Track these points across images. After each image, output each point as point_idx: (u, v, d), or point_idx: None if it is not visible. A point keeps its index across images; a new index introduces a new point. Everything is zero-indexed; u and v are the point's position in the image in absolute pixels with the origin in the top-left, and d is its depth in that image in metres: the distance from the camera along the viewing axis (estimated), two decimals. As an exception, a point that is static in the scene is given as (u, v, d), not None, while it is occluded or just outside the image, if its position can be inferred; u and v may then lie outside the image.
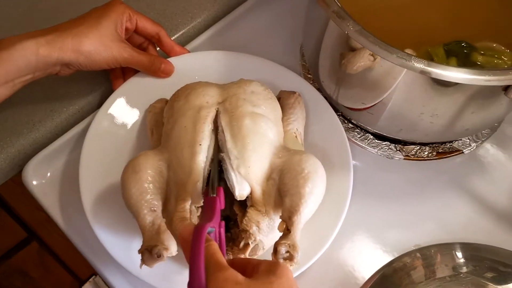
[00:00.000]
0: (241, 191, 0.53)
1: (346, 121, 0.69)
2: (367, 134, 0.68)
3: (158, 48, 0.71)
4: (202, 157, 0.54)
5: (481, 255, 0.61)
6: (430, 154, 0.66)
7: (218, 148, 0.56)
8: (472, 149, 0.67)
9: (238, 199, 0.53)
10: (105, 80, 0.69)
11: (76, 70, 0.61)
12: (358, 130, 0.68)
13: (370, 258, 0.62)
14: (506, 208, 0.65)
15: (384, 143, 0.67)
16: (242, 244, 0.53)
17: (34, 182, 0.64)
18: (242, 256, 0.53)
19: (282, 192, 0.53)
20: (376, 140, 0.67)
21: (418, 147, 0.66)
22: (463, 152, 0.66)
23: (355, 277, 0.61)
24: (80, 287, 0.72)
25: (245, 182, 0.53)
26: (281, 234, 0.51)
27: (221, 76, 0.69)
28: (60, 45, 0.57)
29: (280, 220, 0.52)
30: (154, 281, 0.56)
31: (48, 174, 0.65)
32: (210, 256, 0.39)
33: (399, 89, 0.55)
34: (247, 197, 0.54)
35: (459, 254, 0.61)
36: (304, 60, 0.73)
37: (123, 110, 0.66)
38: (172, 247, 0.48)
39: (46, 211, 0.63)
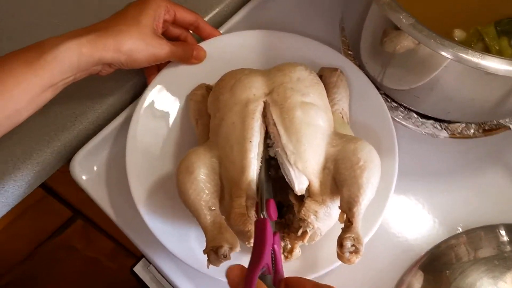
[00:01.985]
0: (300, 186, 0.53)
1: (389, 100, 0.67)
2: (411, 113, 0.66)
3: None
4: (254, 154, 0.54)
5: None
6: (476, 132, 0.65)
7: (266, 142, 0.56)
8: (519, 125, 0.66)
9: (298, 194, 0.54)
10: (139, 70, 0.68)
11: (116, 69, 0.60)
12: (401, 109, 0.67)
13: (416, 239, 0.63)
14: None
15: (428, 121, 0.66)
16: (300, 232, 0.54)
17: (84, 177, 0.65)
18: (300, 243, 0.55)
19: (338, 182, 0.54)
20: (420, 119, 0.66)
21: (464, 125, 0.65)
22: (510, 128, 0.65)
23: (402, 259, 0.62)
24: (131, 259, 0.75)
25: (303, 176, 0.53)
26: (338, 219, 0.53)
27: (258, 56, 0.68)
28: (102, 45, 0.55)
29: (339, 209, 0.53)
30: (212, 272, 0.56)
31: (95, 168, 0.66)
32: None
33: (448, 75, 0.54)
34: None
35: (503, 233, 0.62)
36: (344, 36, 0.71)
37: (162, 101, 0.65)
38: (237, 245, 0.50)
39: (98, 205, 0.64)
